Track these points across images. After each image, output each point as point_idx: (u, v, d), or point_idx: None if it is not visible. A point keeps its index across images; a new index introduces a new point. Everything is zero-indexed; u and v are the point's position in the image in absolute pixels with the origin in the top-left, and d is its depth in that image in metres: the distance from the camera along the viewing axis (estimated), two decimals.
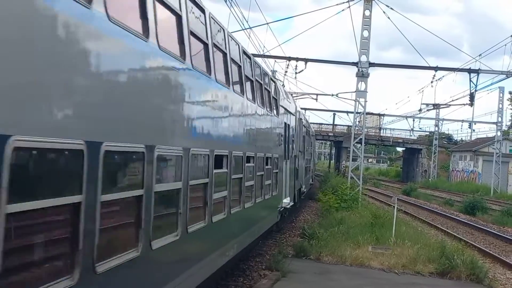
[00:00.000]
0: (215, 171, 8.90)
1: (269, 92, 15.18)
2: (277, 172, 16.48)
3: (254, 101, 12.56)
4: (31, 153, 4.02)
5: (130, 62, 5.72)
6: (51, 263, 4.49)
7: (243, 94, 11.29)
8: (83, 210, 4.62)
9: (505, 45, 32.63)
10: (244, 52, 11.92)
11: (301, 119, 25.78)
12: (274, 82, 16.80)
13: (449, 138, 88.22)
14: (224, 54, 9.89)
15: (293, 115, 21.66)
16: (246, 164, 11.58)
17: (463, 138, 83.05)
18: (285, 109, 18.83)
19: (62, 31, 4.37)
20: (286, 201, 18.85)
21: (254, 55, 15.71)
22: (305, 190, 30.36)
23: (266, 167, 14.41)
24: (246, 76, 11.68)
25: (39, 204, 4.06)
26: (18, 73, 3.84)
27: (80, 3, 4.54)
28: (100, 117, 5.02)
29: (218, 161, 9.38)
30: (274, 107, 16.06)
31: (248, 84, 11.87)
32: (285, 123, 18.59)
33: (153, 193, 6.11)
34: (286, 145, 18.91)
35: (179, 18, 7.16)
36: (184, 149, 7.30)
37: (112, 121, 5.30)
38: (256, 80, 13.01)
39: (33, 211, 4.02)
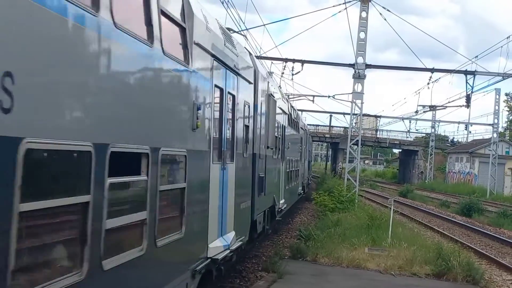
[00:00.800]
0: None
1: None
2: (184, 189, 7.52)
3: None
4: None
5: None
6: None
7: None
8: None
9: (501, 47, 32.91)
10: None
11: (271, 95, 15.67)
12: None
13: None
14: None
15: (250, 82, 12.46)
16: None
17: (460, 140, 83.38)
18: (218, 59, 9.19)
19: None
20: (222, 243, 9.64)
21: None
22: (283, 208, 20.65)
23: (127, 179, 5.89)
24: None
25: None
26: None
27: None
28: None
29: None
30: (179, 44, 7.57)
31: None
32: (221, 89, 9.54)
33: None
34: (225, 134, 9.95)
35: None
36: None
37: None
38: None
39: None
